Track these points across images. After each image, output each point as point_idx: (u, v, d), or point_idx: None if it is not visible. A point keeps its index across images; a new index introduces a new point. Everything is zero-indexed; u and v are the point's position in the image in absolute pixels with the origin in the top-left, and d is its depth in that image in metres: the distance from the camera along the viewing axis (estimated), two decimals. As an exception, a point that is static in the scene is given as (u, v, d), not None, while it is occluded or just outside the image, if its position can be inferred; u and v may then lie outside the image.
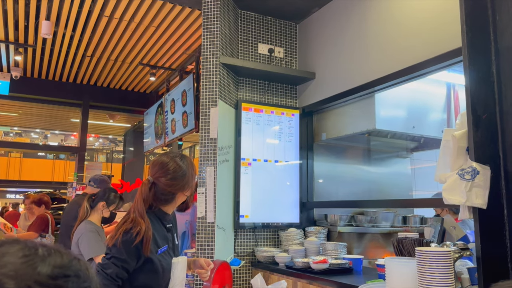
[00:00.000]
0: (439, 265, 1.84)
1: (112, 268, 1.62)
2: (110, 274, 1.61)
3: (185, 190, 1.84)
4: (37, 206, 5.25)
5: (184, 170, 1.82)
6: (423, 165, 4.62)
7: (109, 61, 7.01)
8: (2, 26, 5.76)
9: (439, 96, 3.85)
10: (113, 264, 1.63)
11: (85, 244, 2.85)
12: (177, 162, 1.83)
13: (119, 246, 1.65)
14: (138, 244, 1.66)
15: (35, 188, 16.85)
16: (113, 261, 1.63)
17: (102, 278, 1.62)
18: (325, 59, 3.95)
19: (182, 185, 1.82)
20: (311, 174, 4.12)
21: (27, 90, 8.07)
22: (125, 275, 1.64)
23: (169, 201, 1.83)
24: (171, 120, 6.40)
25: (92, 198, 3.08)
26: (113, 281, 1.62)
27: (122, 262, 1.63)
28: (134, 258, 1.66)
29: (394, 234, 3.72)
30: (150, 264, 1.69)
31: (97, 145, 22.75)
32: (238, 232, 3.76)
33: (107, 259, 1.66)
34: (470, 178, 1.95)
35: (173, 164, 1.82)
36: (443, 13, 2.80)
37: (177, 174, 1.80)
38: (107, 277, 1.61)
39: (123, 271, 1.64)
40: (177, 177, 1.80)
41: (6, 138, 20.68)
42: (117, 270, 1.62)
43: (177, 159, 1.84)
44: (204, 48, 3.70)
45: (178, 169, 1.81)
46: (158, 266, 1.72)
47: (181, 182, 1.81)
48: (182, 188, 1.82)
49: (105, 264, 1.64)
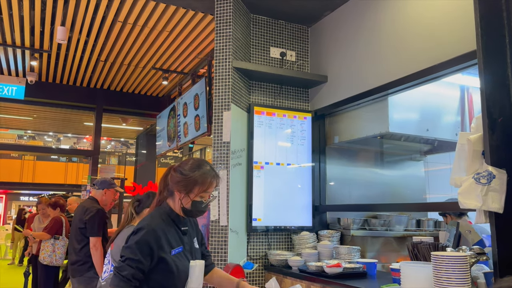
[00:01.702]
0: (455, 269, 1.83)
1: (127, 269, 1.64)
2: (126, 276, 1.63)
3: (181, 192, 1.81)
4: (53, 209, 5.32)
5: (187, 172, 1.82)
6: (437, 168, 4.58)
7: (122, 65, 7.09)
8: (18, 32, 5.86)
9: (452, 99, 3.82)
10: (128, 265, 1.65)
11: None
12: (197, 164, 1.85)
13: (132, 247, 1.67)
14: (151, 242, 1.68)
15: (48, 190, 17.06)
16: (128, 262, 1.65)
17: (117, 281, 1.64)
18: (337, 62, 3.95)
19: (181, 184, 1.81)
20: (324, 177, 4.11)
21: (42, 95, 8.19)
22: (140, 275, 1.66)
23: (170, 195, 1.85)
24: (183, 123, 6.45)
25: (136, 203, 2.93)
26: (129, 282, 1.63)
27: (137, 263, 1.65)
28: (148, 258, 1.67)
29: (408, 238, 3.70)
30: (165, 264, 1.71)
31: (109, 148, 22.95)
32: (251, 235, 3.77)
33: (122, 261, 1.68)
34: (486, 182, 1.94)
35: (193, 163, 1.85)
36: (457, 16, 2.79)
37: (185, 172, 1.82)
38: (123, 279, 1.63)
39: (139, 272, 1.65)
40: (184, 175, 1.82)
41: (19, 141, 20.97)
42: (132, 271, 1.64)
43: (198, 162, 1.86)
44: (217, 52, 3.73)
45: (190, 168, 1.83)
46: (173, 266, 1.73)
47: (181, 181, 1.81)
48: (178, 187, 1.82)
49: (121, 267, 1.66)
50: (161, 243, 1.71)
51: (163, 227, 1.77)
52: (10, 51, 6.63)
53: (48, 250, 4.97)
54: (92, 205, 3.74)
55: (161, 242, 1.71)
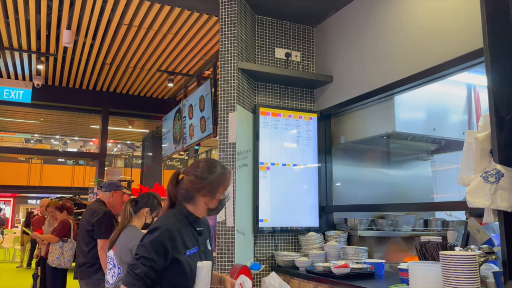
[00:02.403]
0: (464, 269, 1.82)
1: (140, 268, 1.65)
2: (138, 274, 1.64)
3: (206, 196, 1.81)
4: (59, 212, 5.35)
5: (211, 175, 1.82)
6: (444, 168, 4.55)
7: (128, 68, 7.12)
8: (24, 36, 5.91)
9: (459, 97, 3.80)
10: (141, 264, 1.66)
11: None
12: (210, 166, 1.84)
13: (147, 246, 1.68)
14: (166, 242, 1.68)
15: (55, 193, 17.17)
16: (142, 261, 1.66)
17: (131, 278, 1.64)
18: (342, 62, 3.94)
19: (203, 188, 1.80)
20: (330, 178, 4.10)
21: (48, 98, 8.26)
22: (153, 275, 1.67)
23: (189, 200, 1.83)
24: (189, 125, 6.46)
25: (133, 202, 2.97)
26: (142, 280, 1.64)
27: (150, 262, 1.66)
28: (161, 257, 1.68)
29: (415, 238, 3.67)
30: (178, 265, 1.71)
31: (115, 151, 23.05)
32: (257, 236, 3.77)
33: (135, 259, 1.68)
34: (494, 181, 1.93)
35: (205, 166, 1.84)
36: (463, 14, 2.77)
37: (203, 176, 1.80)
38: (136, 277, 1.64)
39: (151, 271, 1.66)
40: (202, 178, 1.80)
41: (27, 145, 21.11)
42: (145, 270, 1.65)
43: (208, 163, 1.86)
44: (221, 54, 3.73)
45: (206, 171, 1.82)
46: (186, 267, 1.73)
47: (202, 184, 1.80)
48: (202, 191, 1.81)
49: (134, 265, 1.67)
50: (175, 243, 1.71)
51: (179, 227, 1.76)
52: (16, 55, 6.69)
53: (56, 253, 5.00)
54: (99, 207, 3.76)
55: (175, 243, 1.71)
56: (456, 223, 3.19)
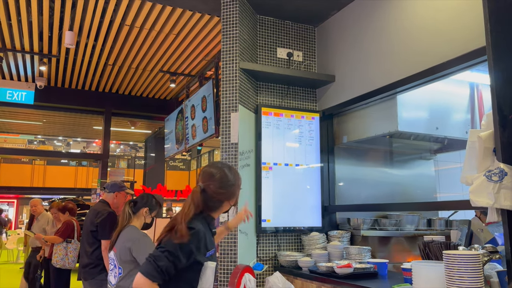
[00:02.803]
0: (468, 268, 1.81)
1: (164, 261, 1.66)
2: (161, 267, 1.65)
3: (231, 200, 1.93)
4: (62, 213, 5.37)
5: (232, 180, 1.92)
6: (447, 167, 4.54)
7: (130, 69, 7.13)
8: (27, 37, 5.93)
9: (462, 96, 3.79)
10: (166, 257, 1.66)
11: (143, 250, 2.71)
12: (226, 172, 1.92)
13: (175, 242, 1.69)
14: (192, 244, 1.71)
15: (58, 194, 17.21)
16: (167, 255, 1.67)
17: (152, 269, 1.64)
18: (345, 62, 3.94)
19: (229, 194, 1.91)
20: (333, 178, 4.09)
21: (51, 99, 8.27)
22: (173, 271, 1.68)
23: (216, 208, 1.91)
24: (191, 125, 6.47)
25: (131, 203, 3.00)
26: (162, 274, 1.65)
27: (174, 258, 1.67)
28: (185, 257, 1.70)
29: (419, 238, 3.66)
30: (199, 265, 1.75)
31: (118, 152, 23.11)
32: (260, 236, 3.77)
33: (161, 252, 1.69)
34: (497, 180, 1.92)
35: (222, 173, 1.91)
36: (465, 12, 2.76)
37: (226, 183, 1.89)
38: (158, 269, 1.65)
39: (173, 268, 1.67)
40: (226, 186, 1.89)
41: (30, 146, 21.19)
42: (168, 265, 1.66)
43: (225, 169, 1.93)
44: (223, 54, 3.73)
45: (227, 179, 1.90)
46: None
47: (229, 191, 1.90)
48: (229, 197, 1.91)
49: (158, 256, 1.67)
50: (200, 245, 1.75)
51: (204, 230, 1.82)
52: (19, 57, 6.70)
53: (60, 254, 5.01)
54: (103, 208, 3.76)
55: (200, 244, 1.75)
56: (460, 223, 3.17)
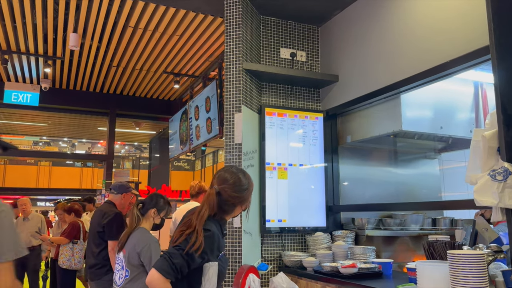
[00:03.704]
0: (472, 268, 1.81)
1: (179, 259, 1.67)
2: (175, 264, 1.66)
3: (243, 204, 1.96)
4: (68, 214, 5.41)
5: (246, 185, 1.95)
6: (452, 166, 4.52)
7: (134, 70, 7.16)
8: (32, 40, 5.96)
9: (466, 95, 3.77)
10: (181, 256, 1.68)
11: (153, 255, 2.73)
12: (240, 177, 1.95)
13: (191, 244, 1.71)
14: (207, 245, 1.73)
15: (64, 195, 17.29)
16: (182, 253, 1.68)
17: (166, 266, 1.66)
18: (348, 61, 3.93)
19: (243, 198, 1.94)
20: (337, 177, 4.09)
21: (56, 101, 8.33)
22: (186, 270, 1.70)
23: (229, 212, 1.94)
24: (195, 126, 6.48)
25: (140, 205, 2.99)
26: (175, 272, 1.67)
27: (189, 258, 1.69)
28: (200, 258, 1.72)
29: (423, 237, 3.65)
30: None
31: (123, 152, 23.18)
32: (264, 236, 3.77)
33: (176, 250, 1.70)
34: (502, 179, 1.91)
35: (237, 178, 1.94)
36: (469, 11, 2.75)
37: (240, 188, 1.92)
38: (172, 266, 1.66)
39: (187, 267, 1.69)
40: (240, 190, 1.92)
41: (35, 147, 21.30)
42: (182, 263, 1.67)
43: (240, 174, 1.96)
44: (227, 55, 3.74)
45: (241, 183, 1.93)
46: (219, 269, 1.81)
47: (242, 196, 1.93)
48: (242, 202, 1.94)
49: (174, 254, 1.69)
50: (213, 247, 1.78)
51: (218, 233, 1.86)
52: (24, 59, 6.75)
53: (67, 254, 5.04)
54: (109, 209, 3.78)
55: (213, 247, 1.78)
56: (464, 222, 3.16)
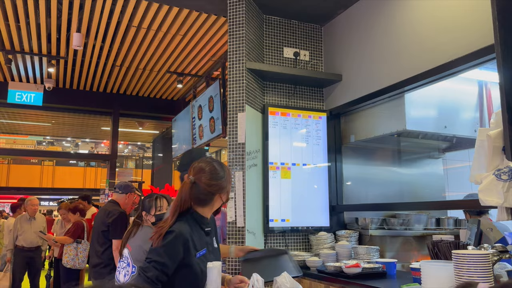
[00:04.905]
0: (477, 268, 1.80)
1: (152, 271, 1.66)
2: (150, 277, 1.65)
3: (222, 193, 1.91)
4: (73, 213, 5.41)
5: (222, 173, 1.91)
6: (456, 166, 4.50)
7: (137, 70, 7.17)
8: (35, 39, 5.98)
9: (470, 94, 3.75)
10: (153, 267, 1.67)
11: None
12: (215, 166, 1.92)
13: (159, 250, 1.69)
14: (178, 246, 1.70)
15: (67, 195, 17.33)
16: (154, 264, 1.67)
17: (142, 281, 1.65)
18: (352, 61, 3.92)
19: (220, 187, 1.89)
20: (340, 177, 4.08)
21: (59, 101, 8.35)
22: (164, 278, 1.68)
23: (207, 202, 1.89)
24: (198, 126, 6.48)
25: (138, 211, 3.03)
26: (153, 284, 1.65)
27: (162, 266, 1.67)
28: (174, 262, 1.69)
29: (427, 237, 3.64)
30: (190, 267, 1.73)
31: (126, 152, 23.22)
32: (268, 236, 3.76)
33: (147, 263, 1.69)
34: (507, 179, 1.90)
35: (212, 167, 1.91)
36: (473, 10, 2.74)
37: (217, 176, 1.89)
38: (148, 280, 1.65)
39: (163, 275, 1.67)
40: (217, 178, 1.88)
41: (39, 147, 21.37)
42: (157, 273, 1.66)
43: (215, 163, 1.94)
44: (230, 54, 3.74)
45: (217, 172, 1.90)
46: (198, 269, 1.75)
47: (220, 184, 1.89)
48: (220, 190, 1.89)
49: (146, 267, 1.68)
50: (187, 246, 1.73)
51: (190, 231, 1.79)
52: (28, 59, 6.77)
53: (71, 254, 5.06)
54: (114, 208, 3.80)
55: (188, 246, 1.74)
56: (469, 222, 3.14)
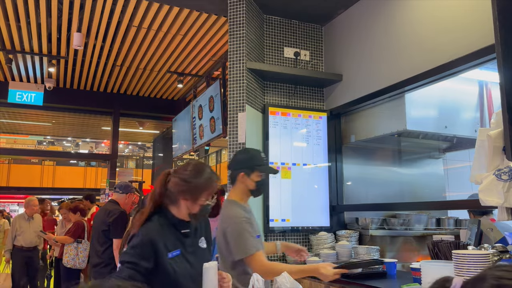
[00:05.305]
0: (478, 268, 1.80)
1: (125, 271, 1.65)
2: (124, 277, 1.64)
3: (187, 200, 1.78)
4: (73, 213, 5.42)
5: (194, 181, 1.78)
6: (456, 166, 4.50)
7: (138, 70, 7.17)
8: (36, 39, 5.98)
9: (471, 94, 3.75)
10: (126, 268, 1.66)
11: None
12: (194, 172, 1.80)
13: (129, 252, 1.70)
14: (146, 247, 1.69)
15: (68, 195, 17.34)
16: (126, 265, 1.67)
17: None
18: (352, 60, 3.92)
19: (186, 192, 1.77)
20: (341, 177, 4.08)
21: (60, 100, 8.35)
22: (139, 277, 1.67)
23: (172, 201, 1.81)
24: (199, 125, 6.48)
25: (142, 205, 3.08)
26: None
27: (134, 266, 1.67)
28: (144, 261, 1.69)
29: (428, 237, 3.64)
30: (162, 267, 1.73)
31: (126, 152, 23.23)
32: (268, 236, 3.76)
33: (121, 265, 1.70)
34: (507, 179, 1.90)
35: (193, 169, 1.81)
36: (474, 10, 2.74)
37: (188, 177, 1.78)
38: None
39: (137, 273, 1.66)
40: (186, 179, 1.78)
41: (39, 147, 21.37)
42: (130, 272, 1.65)
43: (196, 170, 1.82)
44: (230, 54, 3.74)
45: (190, 176, 1.79)
46: (170, 269, 1.74)
47: (186, 186, 1.77)
48: (184, 195, 1.77)
49: (120, 271, 1.68)
50: (157, 247, 1.71)
51: (160, 231, 1.76)
52: (28, 58, 6.77)
53: (71, 254, 5.06)
54: (114, 207, 3.80)
55: (157, 246, 1.71)
56: (469, 222, 3.14)
